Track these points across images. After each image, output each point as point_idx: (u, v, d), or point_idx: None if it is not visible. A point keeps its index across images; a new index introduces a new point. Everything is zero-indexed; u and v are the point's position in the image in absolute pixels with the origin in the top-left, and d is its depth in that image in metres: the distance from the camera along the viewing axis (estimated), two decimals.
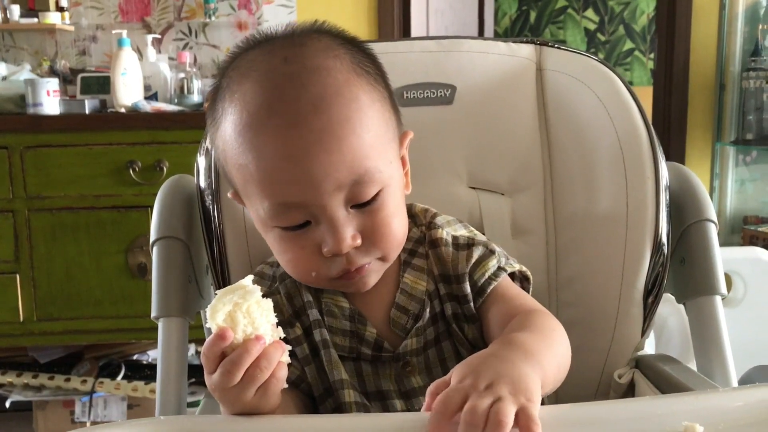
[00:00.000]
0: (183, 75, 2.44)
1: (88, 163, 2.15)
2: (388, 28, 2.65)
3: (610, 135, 0.93)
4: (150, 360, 2.38)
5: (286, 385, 0.65)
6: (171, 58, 2.59)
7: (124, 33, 2.34)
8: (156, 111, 2.25)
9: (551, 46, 1.01)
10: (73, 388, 2.23)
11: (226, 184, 0.84)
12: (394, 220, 0.73)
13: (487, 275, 0.78)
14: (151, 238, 0.93)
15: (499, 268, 0.78)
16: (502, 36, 4.90)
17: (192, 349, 2.24)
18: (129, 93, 2.29)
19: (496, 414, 0.53)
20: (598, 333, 0.91)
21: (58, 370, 2.28)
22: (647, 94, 2.92)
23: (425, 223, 0.82)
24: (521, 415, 0.54)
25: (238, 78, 0.71)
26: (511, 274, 0.81)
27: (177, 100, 2.42)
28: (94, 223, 2.18)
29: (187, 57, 2.52)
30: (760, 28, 2.64)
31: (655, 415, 0.60)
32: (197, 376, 1.89)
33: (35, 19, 2.53)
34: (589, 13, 4.93)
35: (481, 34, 4.23)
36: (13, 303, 2.18)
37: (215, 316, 0.60)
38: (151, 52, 2.51)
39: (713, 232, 0.91)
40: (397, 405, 0.76)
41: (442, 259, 0.79)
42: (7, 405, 2.28)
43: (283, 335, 0.64)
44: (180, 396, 0.86)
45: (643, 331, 0.91)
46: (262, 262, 0.86)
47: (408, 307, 0.78)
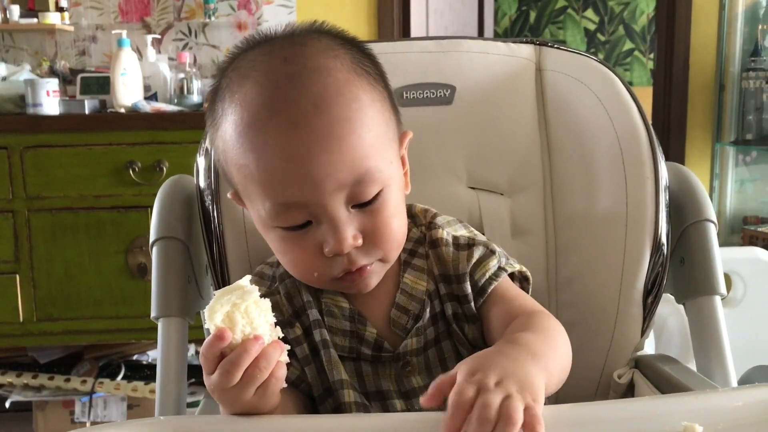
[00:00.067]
0: (183, 75, 2.44)
1: (88, 164, 2.15)
2: (387, 28, 2.64)
3: (609, 135, 0.93)
4: (150, 360, 2.38)
5: (286, 385, 0.65)
6: (171, 59, 2.59)
7: (124, 33, 2.34)
8: (156, 111, 2.25)
9: (551, 47, 1.01)
10: (72, 388, 2.23)
11: (226, 185, 0.84)
12: (395, 221, 0.73)
13: (487, 275, 0.78)
14: (151, 238, 0.93)
15: (499, 268, 0.79)
16: (501, 36, 4.90)
17: (192, 349, 2.24)
18: (129, 93, 2.29)
19: (508, 410, 0.54)
20: (598, 333, 0.91)
21: (57, 371, 2.28)
22: (647, 94, 2.92)
23: (425, 223, 0.82)
24: (527, 414, 0.54)
25: (238, 78, 0.71)
26: (511, 274, 0.81)
27: (177, 101, 2.42)
28: (94, 224, 2.18)
29: (187, 57, 2.52)
30: (760, 28, 2.64)
31: (655, 415, 0.60)
32: (197, 376, 1.88)
33: (35, 20, 2.53)
34: (589, 13, 4.93)
35: (480, 35, 4.23)
36: (13, 303, 2.18)
37: (213, 316, 0.60)
38: (150, 53, 2.51)
39: (713, 232, 0.91)
40: (397, 405, 0.76)
41: (442, 259, 0.79)
42: (7, 405, 2.28)
43: (282, 335, 0.64)
44: (180, 396, 0.86)
45: (643, 332, 0.91)
46: (261, 262, 0.86)
47: (408, 307, 0.78)
